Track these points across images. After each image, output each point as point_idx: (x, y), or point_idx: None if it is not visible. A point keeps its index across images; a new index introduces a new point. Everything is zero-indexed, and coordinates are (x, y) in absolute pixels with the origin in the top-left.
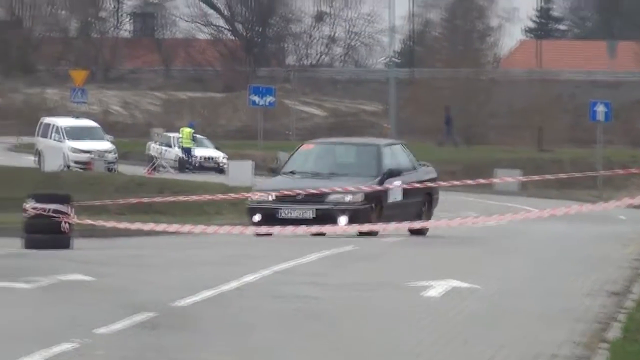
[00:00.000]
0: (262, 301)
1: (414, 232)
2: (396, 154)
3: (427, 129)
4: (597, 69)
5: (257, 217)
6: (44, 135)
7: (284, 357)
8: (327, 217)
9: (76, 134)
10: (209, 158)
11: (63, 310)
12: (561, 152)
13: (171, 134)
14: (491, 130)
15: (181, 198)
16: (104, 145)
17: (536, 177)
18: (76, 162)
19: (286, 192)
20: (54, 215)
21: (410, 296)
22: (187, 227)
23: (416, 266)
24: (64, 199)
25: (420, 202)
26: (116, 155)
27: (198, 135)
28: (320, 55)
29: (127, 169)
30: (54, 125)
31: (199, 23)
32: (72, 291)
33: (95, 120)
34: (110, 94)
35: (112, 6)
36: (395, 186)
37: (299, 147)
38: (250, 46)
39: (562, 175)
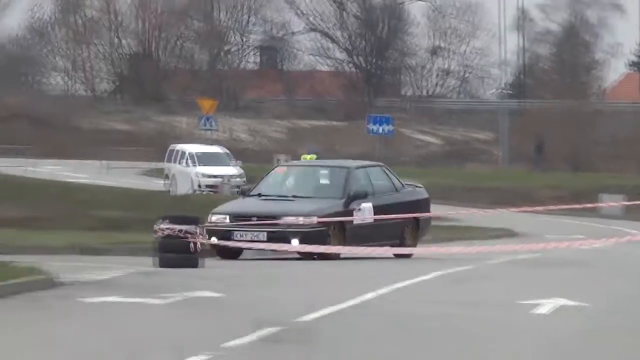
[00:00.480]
0: (381, 317)
1: (398, 254)
2: (371, 177)
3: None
4: None
5: (214, 239)
6: (174, 161)
7: None
8: (279, 239)
9: (206, 159)
10: None
11: (193, 325)
12: None
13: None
14: (596, 158)
15: None
16: (232, 170)
17: None
18: (206, 186)
19: (241, 215)
20: (185, 235)
21: (521, 313)
22: (311, 247)
23: (526, 285)
24: (194, 221)
25: (401, 224)
26: (244, 179)
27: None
28: (435, 87)
29: None
30: (185, 151)
31: (320, 56)
32: (201, 307)
33: (223, 147)
34: (237, 122)
35: (239, 40)
36: (364, 208)
37: (272, 170)
38: (368, 78)
39: None
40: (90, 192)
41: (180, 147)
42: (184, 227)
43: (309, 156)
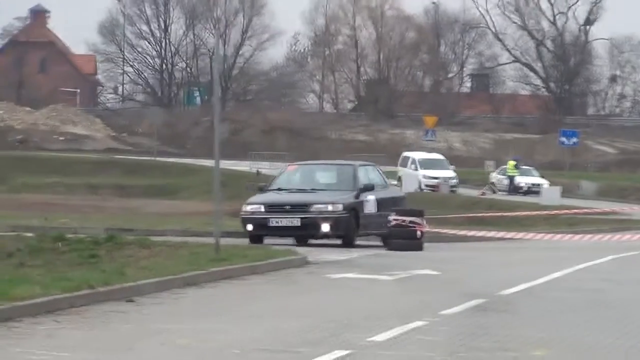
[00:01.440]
0: (567, 292)
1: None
2: (369, 173)
3: None
4: None
5: (250, 226)
6: (404, 165)
7: (585, 333)
8: (311, 224)
9: (428, 164)
10: (536, 184)
11: (415, 296)
12: None
13: (503, 166)
14: None
15: (505, 213)
16: (448, 173)
17: None
18: (427, 186)
19: (275, 204)
20: (411, 225)
21: None
22: (509, 234)
23: None
24: (419, 213)
25: (387, 216)
26: (457, 180)
27: (525, 167)
28: (614, 108)
29: (465, 191)
30: (412, 157)
31: (522, 82)
32: (422, 282)
33: (442, 154)
34: (453, 135)
35: (457, 69)
36: (370, 200)
37: (285, 169)
38: (560, 100)
39: None
40: None
41: (409, 154)
42: (411, 218)
43: (512, 162)
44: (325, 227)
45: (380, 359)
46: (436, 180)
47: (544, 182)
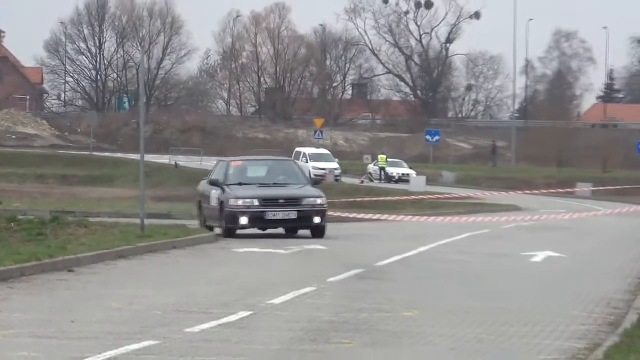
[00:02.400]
0: (432, 263)
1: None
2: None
3: (538, 158)
4: None
5: (244, 219)
6: (297, 158)
7: (448, 296)
8: (305, 217)
9: (316, 157)
10: (405, 174)
11: (306, 267)
12: (618, 172)
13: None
14: (574, 158)
15: (380, 198)
16: (333, 165)
17: (602, 188)
18: (316, 175)
19: (269, 198)
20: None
21: (523, 261)
22: (384, 216)
23: (527, 243)
24: None
25: None
26: (340, 171)
27: (395, 160)
28: (470, 111)
29: (347, 180)
30: (303, 152)
31: (394, 90)
32: (312, 255)
33: (328, 149)
34: (337, 133)
35: (340, 79)
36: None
37: (228, 163)
38: (425, 104)
39: (619, 187)
40: None
41: (301, 149)
42: None
43: (382, 155)
44: (317, 219)
45: (277, 318)
46: (323, 171)
47: (412, 172)
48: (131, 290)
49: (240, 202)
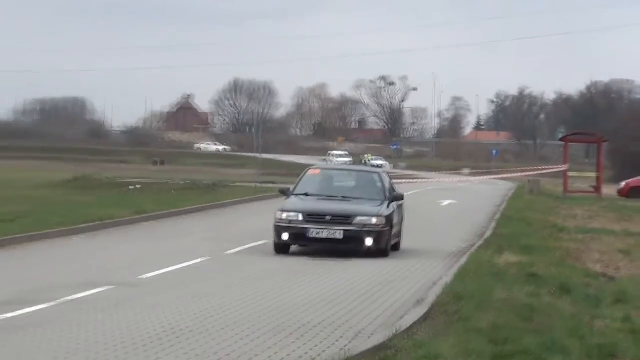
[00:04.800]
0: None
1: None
2: (387, 179)
3: (445, 157)
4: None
5: (285, 236)
6: (328, 154)
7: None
8: (354, 238)
9: (339, 155)
10: (380, 164)
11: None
12: (482, 164)
13: None
14: (463, 157)
15: None
16: (348, 159)
17: (475, 171)
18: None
19: (315, 213)
20: None
21: (437, 204)
22: None
23: (438, 196)
24: None
25: (401, 222)
26: (352, 161)
27: (377, 156)
28: (412, 133)
29: None
30: (330, 152)
31: (376, 124)
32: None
33: (347, 152)
34: (349, 144)
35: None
36: (395, 209)
37: (306, 172)
38: (391, 130)
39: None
40: None
41: (331, 151)
42: None
43: (368, 155)
44: (369, 242)
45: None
46: (343, 159)
47: (385, 163)
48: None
49: (284, 215)
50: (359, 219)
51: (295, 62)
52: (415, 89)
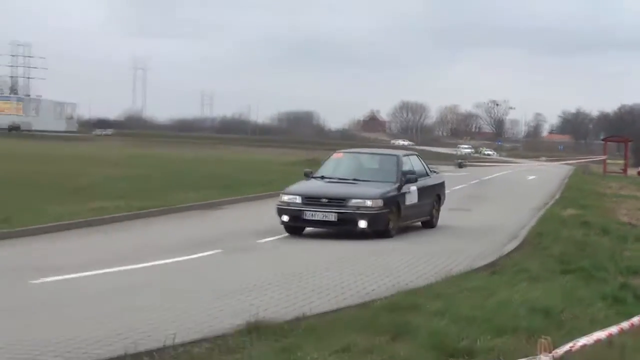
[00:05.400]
0: (503, 180)
1: (425, 225)
2: (412, 163)
3: None
4: None
5: (285, 217)
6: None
7: (494, 190)
8: (348, 220)
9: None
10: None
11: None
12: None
13: None
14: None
15: None
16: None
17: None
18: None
19: (312, 196)
20: None
21: (525, 178)
22: None
23: (524, 173)
24: None
25: (431, 203)
26: None
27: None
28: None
29: None
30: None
31: None
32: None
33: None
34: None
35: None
36: (412, 191)
37: (331, 155)
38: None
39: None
40: None
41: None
42: None
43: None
44: (362, 224)
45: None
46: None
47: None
48: None
49: (285, 198)
50: (353, 202)
51: (442, 90)
52: (513, 108)
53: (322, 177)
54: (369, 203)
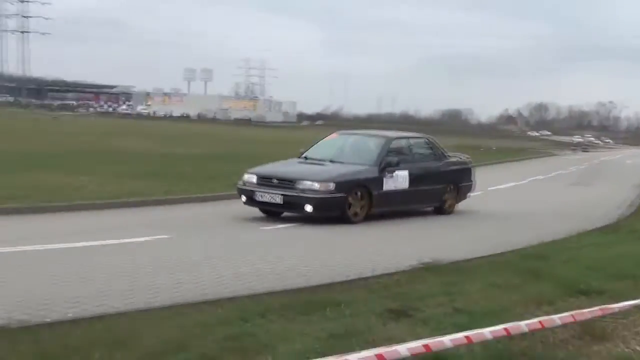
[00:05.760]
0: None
1: (437, 211)
2: (411, 147)
3: None
4: None
5: (243, 198)
6: None
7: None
8: (294, 203)
9: None
10: None
11: None
12: None
13: None
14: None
15: None
16: None
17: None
18: None
19: (265, 176)
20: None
21: (624, 162)
22: None
23: (625, 158)
24: None
25: (441, 189)
26: None
27: None
28: None
29: None
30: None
31: None
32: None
33: None
34: None
35: None
36: (397, 175)
37: (328, 135)
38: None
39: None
40: None
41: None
42: None
43: None
44: (309, 208)
45: None
46: None
47: None
48: None
49: (245, 177)
50: (302, 184)
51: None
52: (627, 107)
53: (306, 158)
54: (316, 186)
